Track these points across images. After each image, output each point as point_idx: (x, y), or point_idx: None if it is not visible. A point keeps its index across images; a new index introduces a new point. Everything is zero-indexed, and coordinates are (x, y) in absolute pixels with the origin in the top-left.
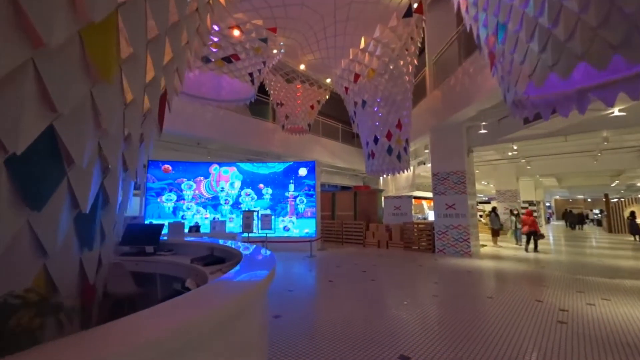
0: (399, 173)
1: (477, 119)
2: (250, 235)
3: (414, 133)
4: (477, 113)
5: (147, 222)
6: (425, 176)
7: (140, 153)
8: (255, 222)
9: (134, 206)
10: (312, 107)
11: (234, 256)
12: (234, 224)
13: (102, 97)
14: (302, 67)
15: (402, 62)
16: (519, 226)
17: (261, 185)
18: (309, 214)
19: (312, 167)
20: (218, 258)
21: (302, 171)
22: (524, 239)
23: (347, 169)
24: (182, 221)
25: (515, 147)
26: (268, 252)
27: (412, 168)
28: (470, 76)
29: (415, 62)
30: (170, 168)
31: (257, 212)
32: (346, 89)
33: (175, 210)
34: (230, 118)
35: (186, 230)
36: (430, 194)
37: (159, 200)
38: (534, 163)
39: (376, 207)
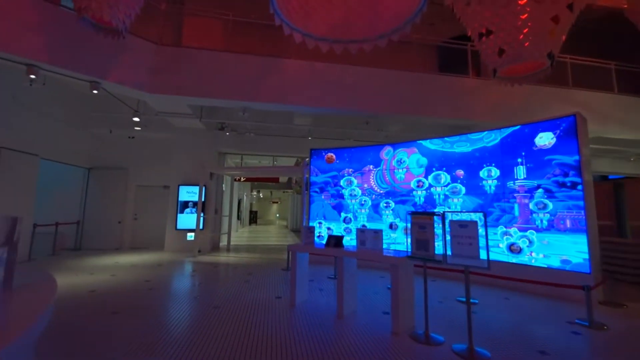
0: None
1: None
2: (426, 260)
3: None
4: None
5: (313, 224)
6: None
7: None
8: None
9: (298, 206)
10: (555, 19)
11: None
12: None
13: None
14: None
15: None
16: None
17: (459, 172)
18: (567, 225)
19: (565, 127)
20: None
21: (543, 139)
22: None
23: (635, 143)
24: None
25: None
26: None
27: None
28: None
29: None
30: (333, 157)
31: (440, 216)
32: None
33: (339, 209)
34: (406, 80)
35: (322, 242)
36: None
37: (323, 197)
38: None
39: None
